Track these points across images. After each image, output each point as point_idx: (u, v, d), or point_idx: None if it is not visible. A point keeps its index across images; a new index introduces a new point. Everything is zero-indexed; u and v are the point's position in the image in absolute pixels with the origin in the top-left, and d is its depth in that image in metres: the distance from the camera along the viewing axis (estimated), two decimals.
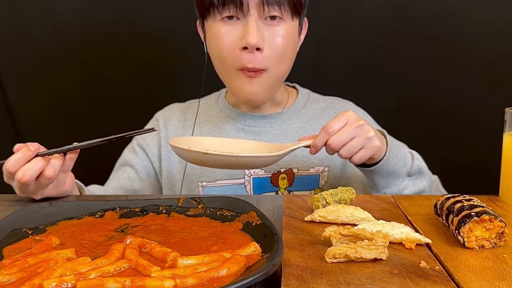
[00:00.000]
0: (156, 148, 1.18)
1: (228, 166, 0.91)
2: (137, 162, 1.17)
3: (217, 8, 1.00)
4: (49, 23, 1.49)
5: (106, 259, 0.60)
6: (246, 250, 0.62)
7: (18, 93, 1.54)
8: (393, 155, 0.96)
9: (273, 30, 1.01)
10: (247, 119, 1.14)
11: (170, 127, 1.18)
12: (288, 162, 1.10)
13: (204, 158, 0.85)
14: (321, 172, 1.12)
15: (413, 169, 1.00)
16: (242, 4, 0.97)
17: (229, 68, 1.03)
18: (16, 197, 0.94)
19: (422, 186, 1.02)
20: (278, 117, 1.15)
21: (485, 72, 1.46)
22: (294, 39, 1.05)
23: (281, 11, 1.00)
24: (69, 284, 0.54)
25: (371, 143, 0.90)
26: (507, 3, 1.42)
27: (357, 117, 0.90)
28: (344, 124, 0.89)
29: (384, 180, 0.98)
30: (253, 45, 0.98)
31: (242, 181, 1.11)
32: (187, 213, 0.79)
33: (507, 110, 0.88)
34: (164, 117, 1.21)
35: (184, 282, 0.54)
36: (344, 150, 0.89)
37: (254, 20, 0.99)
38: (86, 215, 0.77)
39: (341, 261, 0.61)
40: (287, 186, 1.12)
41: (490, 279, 0.57)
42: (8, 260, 0.61)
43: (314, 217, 0.75)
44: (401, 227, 0.68)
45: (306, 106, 1.18)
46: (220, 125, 1.15)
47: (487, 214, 0.65)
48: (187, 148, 0.85)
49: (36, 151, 0.86)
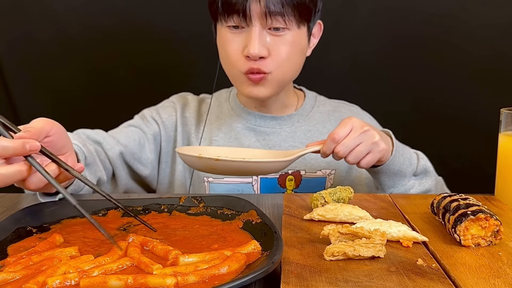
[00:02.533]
0: (172, 129, 1.16)
1: (239, 172, 0.90)
2: (149, 132, 1.13)
3: (223, 17, 1.00)
4: (51, 22, 1.49)
5: (109, 257, 0.60)
6: (246, 248, 0.62)
7: (21, 90, 1.53)
8: (398, 155, 0.96)
9: (278, 39, 1.00)
10: (257, 119, 1.14)
11: (186, 115, 1.17)
12: (296, 164, 1.10)
13: (215, 164, 0.83)
14: (327, 174, 1.12)
15: (418, 168, 1.00)
16: (245, 14, 0.97)
17: (235, 71, 1.03)
18: (20, 196, 0.94)
19: (428, 185, 1.02)
20: (287, 119, 1.15)
21: (481, 73, 1.46)
22: (300, 46, 1.04)
23: (285, 22, 0.98)
24: (73, 282, 0.54)
25: (378, 147, 0.90)
26: (503, 5, 1.42)
27: (361, 123, 0.90)
28: (349, 131, 0.88)
29: (390, 179, 0.98)
30: (255, 55, 0.98)
31: (250, 180, 1.11)
32: (188, 212, 0.79)
33: (502, 110, 0.88)
34: (182, 104, 1.19)
35: (185, 280, 0.54)
36: (351, 157, 0.89)
37: (257, 31, 0.98)
38: (90, 213, 0.77)
39: (339, 259, 0.60)
40: (294, 188, 1.12)
41: (486, 276, 0.57)
42: (13, 258, 0.61)
43: (313, 215, 0.75)
44: (399, 226, 0.68)
45: (313, 109, 1.18)
46: (230, 123, 1.15)
47: (483, 213, 0.65)
48: (197, 155, 0.84)
49: (29, 152, 0.66)
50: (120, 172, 1.06)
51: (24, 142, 0.65)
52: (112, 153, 1.04)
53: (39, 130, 0.69)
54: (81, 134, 1.03)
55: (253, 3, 0.96)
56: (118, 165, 1.06)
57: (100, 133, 1.06)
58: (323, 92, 1.25)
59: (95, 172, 0.95)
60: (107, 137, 1.06)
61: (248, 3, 0.96)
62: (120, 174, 1.07)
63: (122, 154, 1.07)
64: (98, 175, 0.96)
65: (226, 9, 0.98)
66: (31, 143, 0.66)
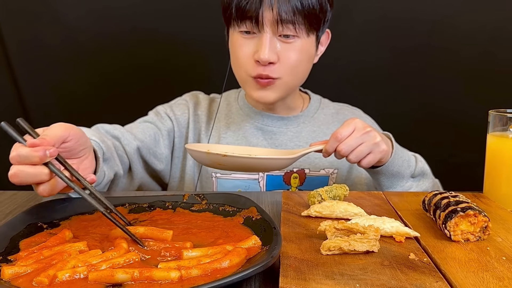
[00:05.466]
0: (184, 126, 1.16)
1: (245, 168, 0.90)
2: (164, 128, 1.13)
3: (236, 22, 1.00)
4: (61, 27, 1.49)
5: (116, 251, 0.60)
6: (247, 243, 0.62)
7: (31, 90, 1.53)
8: (398, 157, 0.96)
9: (287, 46, 0.99)
10: (265, 118, 1.14)
11: (198, 113, 1.17)
12: (300, 162, 1.10)
13: (222, 160, 0.84)
14: (330, 173, 1.12)
15: (416, 171, 1.00)
16: (257, 21, 0.96)
17: (244, 75, 1.03)
18: (32, 194, 0.94)
19: (425, 187, 1.02)
20: (293, 119, 1.15)
21: (471, 75, 1.47)
22: (309, 54, 1.03)
23: (296, 30, 0.98)
24: (81, 275, 0.55)
25: (379, 148, 0.90)
26: (490, 11, 1.43)
27: (364, 124, 0.90)
28: (352, 131, 0.89)
29: (389, 180, 0.99)
30: (265, 60, 0.97)
31: (256, 176, 1.11)
32: (191, 209, 0.79)
33: (490, 112, 0.88)
34: (194, 102, 1.19)
35: (188, 273, 0.54)
36: (353, 155, 0.89)
37: (268, 37, 0.98)
38: (98, 210, 0.77)
39: (335, 253, 0.61)
40: (298, 185, 1.12)
41: (475, 270, 0.57)
42: (25, 253, 0.61)
43: (310, 212, 0.75)
44: (392, 222, 0.68)
45: (318, 111, 1.18)
46: (239, 122, 1.15)
47: (472, 210, 0.65)
48: (205, 151, 0.84)
49: (48, 158, 0.66)
50: (136, 166, 1.06)
51: (45, 149, 0.64)
52: (129, 148, 1.04)
53: (57, 137, 0.68)
54: (100, 129, 1.03)
55: (265, 10, 0.96)
56: (135, 160, 1.05)
57: (118, 128, 1.06)
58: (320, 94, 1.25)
59: (112, 167, 0.94)
60: (124, 132, 1.06)
61: (261, 11, 0.96)
62: (136, 168, 1.06)
63: (139, 149, 1.06)
64: (115, 169, 0.96)
65: (240, 15, 0.98)
66: (52, 151, 0.65)
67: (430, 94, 1.50)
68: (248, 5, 0.96)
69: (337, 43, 1.15)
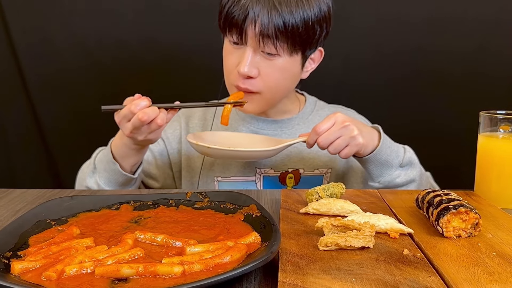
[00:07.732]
0: (176, 142, 1.16)
1: (230, 157, 0.95)
2: (156, 149, 1.14)
3: (225, 32, 1.00)
4: (69, 31, 1.48)
5: (121, 247, 0.60)
6: (247, 239, 0.62)
7: (41, 96, 1.52)
8: (385, 147, 0.97)
9: (269, 63, 0.98)
10: (259, 122, 1.14)
11: (191, 125, 1.17)
12: (295, 163, 1.11)
13: (208, 151, 0.92)
14: (324, 173, 1.12)
15: (404, 160, 1.01)
16: (241, 34, 0.96)
17: (229, 82, 1.04)
18: (41, 192, 0.94)
19: (412, 175, 1.02)
20: (288, 122, 1.14)
21: (463, 79, 1.46)
22: (292, 73, 1.01)
23: (276, 49, 0.95)
24: (88, 270, 0.55)
25: (355, 141, 0.92)
26: (480, 20, 1.43)
27: (344, 117, 0.92)
28: (332, 125, 0.91)
29: (378, 169, 0.99)
30: (243, 74, 0.97)
31: (254, 178, 1.11)
32: (194, 206, 0.79)
33: (481, 113, 0.88)
34: (186, 116, 1.19)
35: (191, 268, 0.54)
36: (331, 148, 0.92)
37: (251, 51, 0.96)
38: (104, 207, 0.77)
39: (332, 249, 0.61)
40: (293, 185, 1.12)
41: (466, 265, 0.57)
42: (34, 248, 0.61)
43: (308, 209, 0.75)
44: (386, 219, 0.68)
45: (313, 113, 1.17)
46: (235, 127, 1.15)
47: (464, 207, 0.65)
48: (195, 142, 0.92)
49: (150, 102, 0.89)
50: (137, 185, 1.08)
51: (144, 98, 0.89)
52: None
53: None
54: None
55: (249, 25, 0.94)
56: (137, 181, 1.07)
57: None
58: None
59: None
60: None
61: (245, 25, 0.94)
62: (138, 185, 1.08)
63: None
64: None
65: (227, 26, 0.98)
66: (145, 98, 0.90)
67: (422, 97, 1.49)
68: (235, 17, 0.95)
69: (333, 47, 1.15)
